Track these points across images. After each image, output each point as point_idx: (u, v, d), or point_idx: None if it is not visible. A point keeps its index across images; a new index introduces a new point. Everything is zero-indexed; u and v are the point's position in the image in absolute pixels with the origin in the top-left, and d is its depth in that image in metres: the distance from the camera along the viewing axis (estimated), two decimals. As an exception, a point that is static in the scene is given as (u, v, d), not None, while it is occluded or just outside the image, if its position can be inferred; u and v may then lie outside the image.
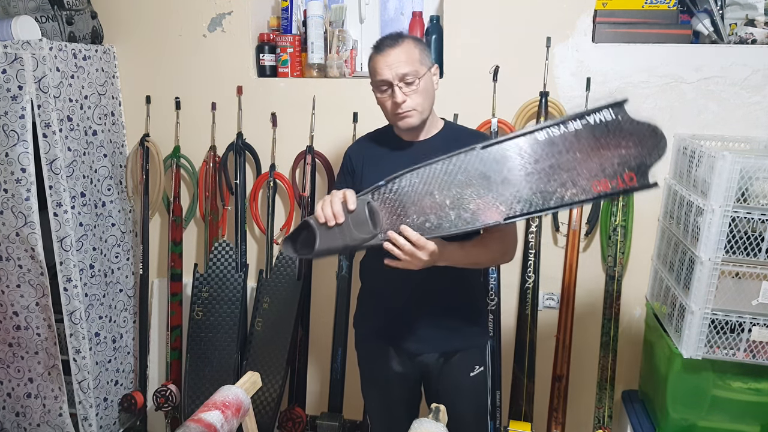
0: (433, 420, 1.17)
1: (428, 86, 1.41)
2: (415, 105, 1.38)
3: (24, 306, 2.13)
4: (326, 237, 1.25)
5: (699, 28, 1.87)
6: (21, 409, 2.28)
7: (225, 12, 2.17)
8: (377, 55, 1.38)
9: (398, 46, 1.36)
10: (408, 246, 1.21)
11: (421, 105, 1.39)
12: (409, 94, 1.37)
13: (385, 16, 2.32)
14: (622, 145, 1.14)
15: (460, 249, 1.35)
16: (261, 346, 2.17)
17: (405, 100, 1.36)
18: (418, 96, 1.38)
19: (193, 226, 2.40)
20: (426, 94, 1.40)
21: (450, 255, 1.32)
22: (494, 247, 1.43)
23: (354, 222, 1.25)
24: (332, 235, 1.25)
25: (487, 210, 1.21)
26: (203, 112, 2.26)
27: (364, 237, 1.25)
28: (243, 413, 1.26)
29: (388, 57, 1.35)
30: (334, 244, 1.26)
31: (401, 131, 1.49)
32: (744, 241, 1.54)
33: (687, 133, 1.87)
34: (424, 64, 1.39)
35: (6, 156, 1.96)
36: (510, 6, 1.93)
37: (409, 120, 1.40)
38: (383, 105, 1.43)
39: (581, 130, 1.16)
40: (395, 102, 1.37)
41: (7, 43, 1.92)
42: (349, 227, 1.25)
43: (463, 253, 1.36)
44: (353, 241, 1.25)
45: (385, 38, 1.40)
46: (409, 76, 1.35)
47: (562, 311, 2.05)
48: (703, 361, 1.64)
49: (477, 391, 1.62)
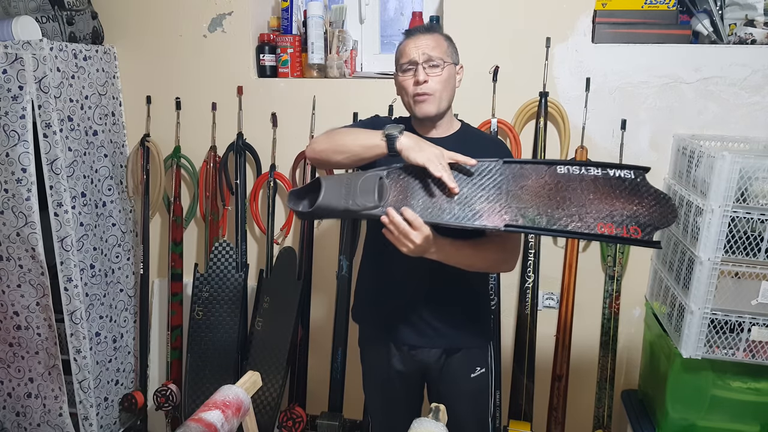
0: (433, 420, 1.17)
1: (451, 79, 1.42)
2: (434, 90, 1.38)
3: (24, 306, 2.14)
4: (331, 194, 1.27)
5: (698, 29, 1.87)
6: (21, 408, 2.29)
7: (225, 12, 2.17)
8: (407, 38, 1.41)
9: (430, 34, 1.39)
10: (403, 225, 1.21)
11: (440, 92, 1.39)
12: (432, 76, 1.37)
13: (385, 16, 2.32)
14: (635, 203, 1.19)
15: (453, 245, 1.34)
16: (261, 346, 2.17)
17: (426, 80, 1.37)
18: (439, 82, 1.38)
19: (193, 226, 2.41)
20: (447, 85, 1.41)
21: (443, 247, 1.31)
22: (491, 254, 1.41)
23: (361, 189, 1.27)
24: (337, 194, 1.27)
25: (491, 214, 1.23)
26: (204, 112, 2.27)
27: (366, 205, 1.26)
28: (243, 413, 1.26)
29: (418, 40, 1.38)
30: (336, 203, 1.27)
31: (417, 123, 1.48)
32: (743, 241, 1.54)
33: (686, 133, 1.88)
34: (450, 57, 1.41)
35: (6, 156, 1.96)
36: (510, 6, 1.93)
37: (426, 106, 1.40)
38: (403, 87, 1.42)
39: (600, 177, 1.21)
40: (417, 80, 1.37)
41: (8, 43, 1.92)
42: (355, 192, 1.27)
43: (455, 250, 1.34)
44: (354, 206, 1.26)
45: (418, 26, 1.44)
46: (435, 60, 1.37)
47: (561, 311, 2.05)
48: (702, 361, 1.65)
49: (478, 393, 1.61)
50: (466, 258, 1.38)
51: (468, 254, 1.37)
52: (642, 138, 1.92)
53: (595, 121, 1.94)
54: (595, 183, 1.21)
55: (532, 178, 1.25)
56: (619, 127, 1.92)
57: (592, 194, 1.21)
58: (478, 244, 1.40)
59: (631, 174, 1.20)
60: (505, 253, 1.44)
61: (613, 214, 1.19)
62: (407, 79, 1.40)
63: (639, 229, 1.17)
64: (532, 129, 1.98)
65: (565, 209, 1.21)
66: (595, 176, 1.21)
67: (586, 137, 1.93)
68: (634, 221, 1.18)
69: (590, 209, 1.20)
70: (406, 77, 1.40)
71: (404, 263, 1.49)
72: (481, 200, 1.24)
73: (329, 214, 1.30)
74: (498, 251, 1.41)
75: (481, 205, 1.24)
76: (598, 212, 1.19)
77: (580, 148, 1.93)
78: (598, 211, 1.19)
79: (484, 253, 1.40)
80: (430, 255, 1.30)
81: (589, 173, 1.22)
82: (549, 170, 1.25)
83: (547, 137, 1.96)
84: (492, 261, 1.43)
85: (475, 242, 1.40)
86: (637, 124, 1.91)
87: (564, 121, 1.94)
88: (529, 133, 2.00)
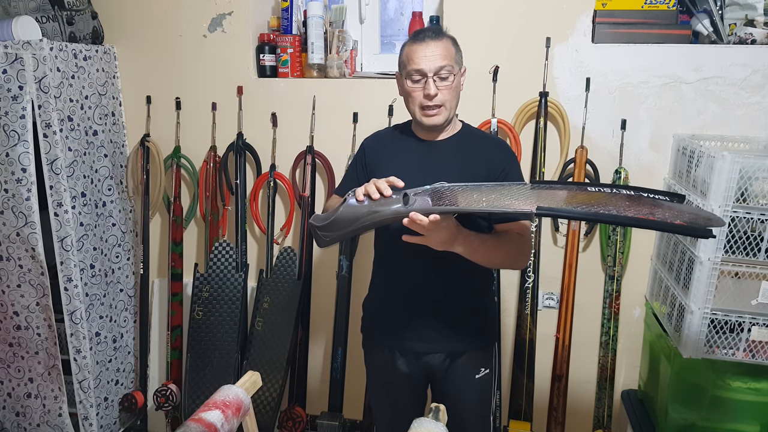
0: (433, 419, 1.17)
1: (458, 86, 1.42)
2: (445, 101, 1.39)
3: (24, 306, 2.14)
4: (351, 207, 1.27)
5: (698, 29, 1.87)
6: (21, 409, 2.29)
7: (225, 12, 2.17)
8: (416, 44, 1.38)
9: (439, 40, 1.37)
10: (426, 221, 1.18)
11: (449, 102, 1.40)
12: (442, 88, 1.37)
13: (385, 16, 2.32)
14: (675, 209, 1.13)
15: (477, 237, 1.32)
16: (261, 346, 2.17)
17: (437, 93, 1.37)
18: (449, 93, 1.38)
19: (193, 226, 2.41)
20: (455, 93, 1.41)
21: (468, 238, 1.29)
22: (512, 246, 1.40)
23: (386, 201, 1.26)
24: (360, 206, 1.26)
25: (521, 205, 1.20)
26: (204, 112, 2.27)
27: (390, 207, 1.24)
28: (243, 413, 1.26)
29: (427, 48, 1.36)
30: (359, 210, 1.26)
31: (421, 129, 1.48)
32: (743, 241, 1.55)
33: (686, 133, 1.88)
34: (458, 63, 1.41)
35: (6, 156, 1.96)
36: (509, 6, 1.93)
37: (436, 118, 1.40)
38: (411, 96, 1.41)
39: (633, 195, 1.19)
40: (427, 94, 1.37)
41: (8, 43, 1.92)
42: (379, 202, 1.26)
43: (480, 242, 1.33)
44: (379, 206, 1.25)
45: (426, 30, 1.41)
46: (445, 71, 1.36)
47: (561, 311, 2.05)
48: (702, 361, 1.65)
49: (482, 393, 1.61)
50: (489, 250, 1.35)
51: (491, 246, 1.36)
52: (642, 138, 1.93)
53: (595, 121, 1.94)
54: (630, 198, 1.18)
55: (564, 191, 1.24)
56: (619, 127, 1.92)
57: (627, 202, 1.17)
58: (500, 238, 1.39)
59: (666, 198, 1.17)
60: (523, 246, 1.43)
61: (653, 212, 1.12)
62: (416, 90, 1.39)
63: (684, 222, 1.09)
64: (532, 129, 1.98)
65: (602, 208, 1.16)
66: (629, 195, 1.19)
67: (586, 137, 1.93)
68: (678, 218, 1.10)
69: (628, 212, 1.13)
70: (415, 88, 1.39)
71: (411, 269, 1.49)
72: (510, 199, 1.22)
73: (351, 222, 1.28)
74: (518, 244, 1.41)
75: (510, 201, 1.21)
76: (637, 212, 1.13)
77: (580, 148, 1.93)
78: (637, 212, 1.13)
79: (506, 246, 1.39)
80: (456, 247, 1.28)
81: (621, 192, 1.20)
82: (579, 188, 1.25)
83: (547, 137, 1.96)
84: (512, 255, 1.41)
85: (497, 236, 1.40)
86: (637, 124, 1.91)
87: (564, 121, 1.94)
88: (529, 133, 2.00)
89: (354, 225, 1.30)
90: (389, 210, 1.25)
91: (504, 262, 1.46)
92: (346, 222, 1.29)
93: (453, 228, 1.25)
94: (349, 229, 1.31)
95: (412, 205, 1.22)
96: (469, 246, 1.30)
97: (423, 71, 1.36)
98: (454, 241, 1.26)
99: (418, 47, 1.37)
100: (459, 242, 1.27)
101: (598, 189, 1.23)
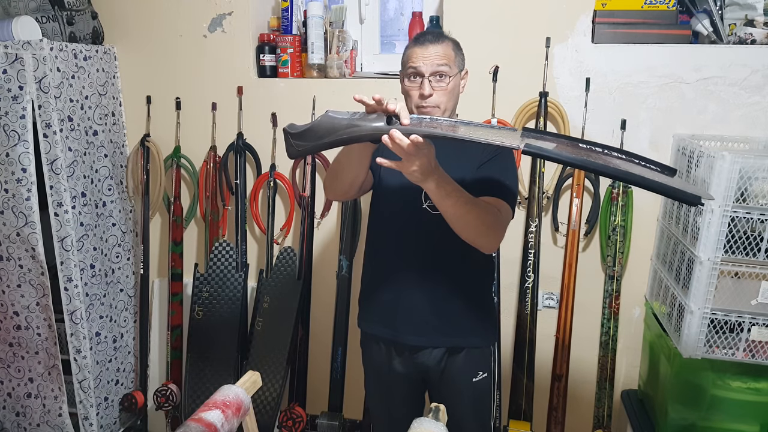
0: (432, 419, 1.17)
1: (456, 88, 1.43)
2: (440, 102, 1.39)
3: (24, 306, 2.14)
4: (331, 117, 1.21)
5: (698, 29, 1.87)
6: (21, 408, 2.29)
7: (225, 12, 2.17)
8: (416, 46, 1.40)
9: (439, 43, 1.39)
10: (406, 142, 1.11)
11: (444, 104, 1.40)
12: (437, 89, 1.38)
13: (385, 16, 2.32)
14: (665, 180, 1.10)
15: (453, 184, 1.26)
16: (261, 346, 2.18)
17: (432, 94, 1.38)
18: (444, 95, 1.39)
19: (193, 226, 2.41)
20: (452, 95, 1.42)
21: (444, 179, 1.23)
22: (483, 213, 1.32)
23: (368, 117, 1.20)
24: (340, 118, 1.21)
25: (509, 142, 1.14)
26: (204, 112, 2.27)
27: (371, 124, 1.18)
28: (243, 413, 1.26)
29: (426, 49, 1.38)
30: (339, 122, 1.20)
31: None
32: (743, 241, 1.55)
33: (686, 133, 1.88)
34: (457, 65, 1.42)
35: (7, 156, 1.96)
36: (509, 6, 1.93)
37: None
38: (408, 95, 1.43)
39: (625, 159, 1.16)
40: (422, 93, 1.38)
41: (8, 43, 1.92)
42: (362, 116, 1.20)
43: (454, 189, 1.26)
44: (360, 119, 1.18)
45: (427, 33, 1.44)
46: (441, 73, 1.37)
47: (561, 311, 2.05)
48: (702, 361, 1.65)
49: (480, 397, 1.59)
50: (461, 204, 1.28)
51: (464, 201, 1.28)
52: (642, 138, 1.93)
53: (595, 121, 1.94)
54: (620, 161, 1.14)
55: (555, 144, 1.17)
56: (619, 127, 1.92)
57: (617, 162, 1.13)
58: (476, 200, 1.32)
59: (657, 169, 1.14)
60: (496, 221, 1.35)
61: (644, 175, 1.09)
62: (413, 88, 1.41)
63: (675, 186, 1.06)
64: (532, 129, 1.98)
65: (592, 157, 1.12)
66: (620, 158, 1.16)
67: (586, 137, 1.93)
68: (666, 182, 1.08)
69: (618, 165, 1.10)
70: (412, 86, 1.41)
71: (403, 257, 1.48)
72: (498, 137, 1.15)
73: (328, 133, 1.21)
74: (491, 215, 1.34)
75: (498, 138, 1.15)
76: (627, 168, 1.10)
77: (580, 148, 1.93)
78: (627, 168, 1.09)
79: (478, 209, 1.31)
80: (429, 182, 1.20)
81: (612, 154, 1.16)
82: (571, 143, 1.19)
83: (547, 137, 1.96)
84: (483, 222, 1.32)
85: (473, 198, 1.32)
86: (637, 124, 1.92)
87: (564, 121, 1.94)
88: (529, 133, 2.00)
89: (330, 137, 1.22)
90: (369, 126, 1.18)
91: (472, 227, 1.33)
92: (323, 132, 1.23)
93: (432, 159, 1.18)
94: (324, 141, 1.24)
95: (395, 125, 1.16)
96: (443, 188, 1.23)
97: (419, 71, 1.38)
98: (430, 175, 1.19)
99: (418, 48, 1.39)
100: (434, 178, 1.20)
101: (590, 147, 1.18)
